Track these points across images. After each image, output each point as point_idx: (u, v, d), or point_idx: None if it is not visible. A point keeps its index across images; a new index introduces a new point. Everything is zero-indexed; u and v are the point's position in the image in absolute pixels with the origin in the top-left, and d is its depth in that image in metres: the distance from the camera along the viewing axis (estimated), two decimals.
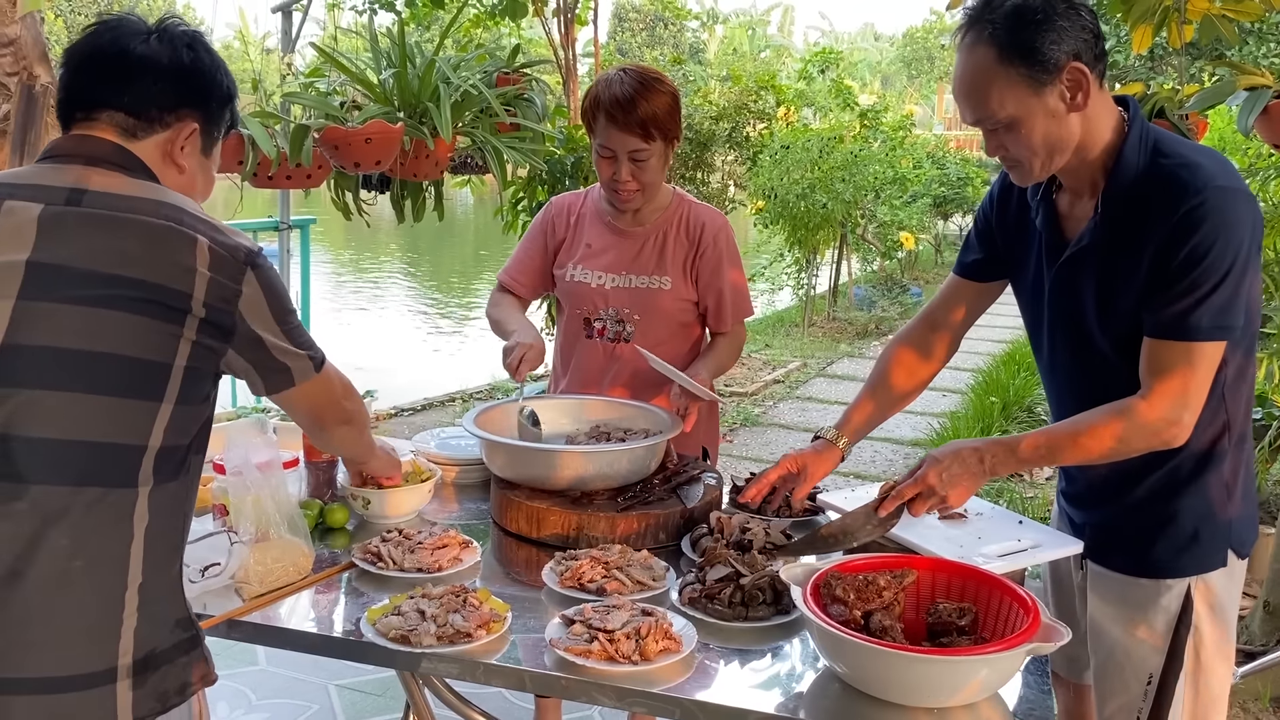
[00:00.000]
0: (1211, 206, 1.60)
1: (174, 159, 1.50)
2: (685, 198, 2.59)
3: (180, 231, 1.38)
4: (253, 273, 1.42)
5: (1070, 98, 1.64)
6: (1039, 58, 1.61)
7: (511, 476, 2.14)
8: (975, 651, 1.47)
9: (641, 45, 34.85)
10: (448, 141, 3.94)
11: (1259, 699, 3.26)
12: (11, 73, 3.80)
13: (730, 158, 9.83)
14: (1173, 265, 1.63)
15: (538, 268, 2.63)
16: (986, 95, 1.65)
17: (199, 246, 1.38)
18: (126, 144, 1.46)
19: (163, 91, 1.47)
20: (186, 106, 1.50)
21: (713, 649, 1.67)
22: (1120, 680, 1.83)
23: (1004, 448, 1.77)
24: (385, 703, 3.14)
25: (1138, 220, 1.68)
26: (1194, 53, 8.81)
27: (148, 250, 1.36)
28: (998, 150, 1.73)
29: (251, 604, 1.76)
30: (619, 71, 2.41)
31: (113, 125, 1.46)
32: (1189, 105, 3.33)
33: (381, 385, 6.74)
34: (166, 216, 1.39)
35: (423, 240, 18.64)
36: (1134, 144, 1.69)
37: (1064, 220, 1.83)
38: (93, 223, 1.36)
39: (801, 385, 8.18)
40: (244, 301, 1.42)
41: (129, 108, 1.46)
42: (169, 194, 1.44)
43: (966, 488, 1.78)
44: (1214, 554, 1.78)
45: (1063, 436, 1.75)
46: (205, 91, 1.53)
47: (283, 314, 1.48)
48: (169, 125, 1.49)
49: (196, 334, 1.37)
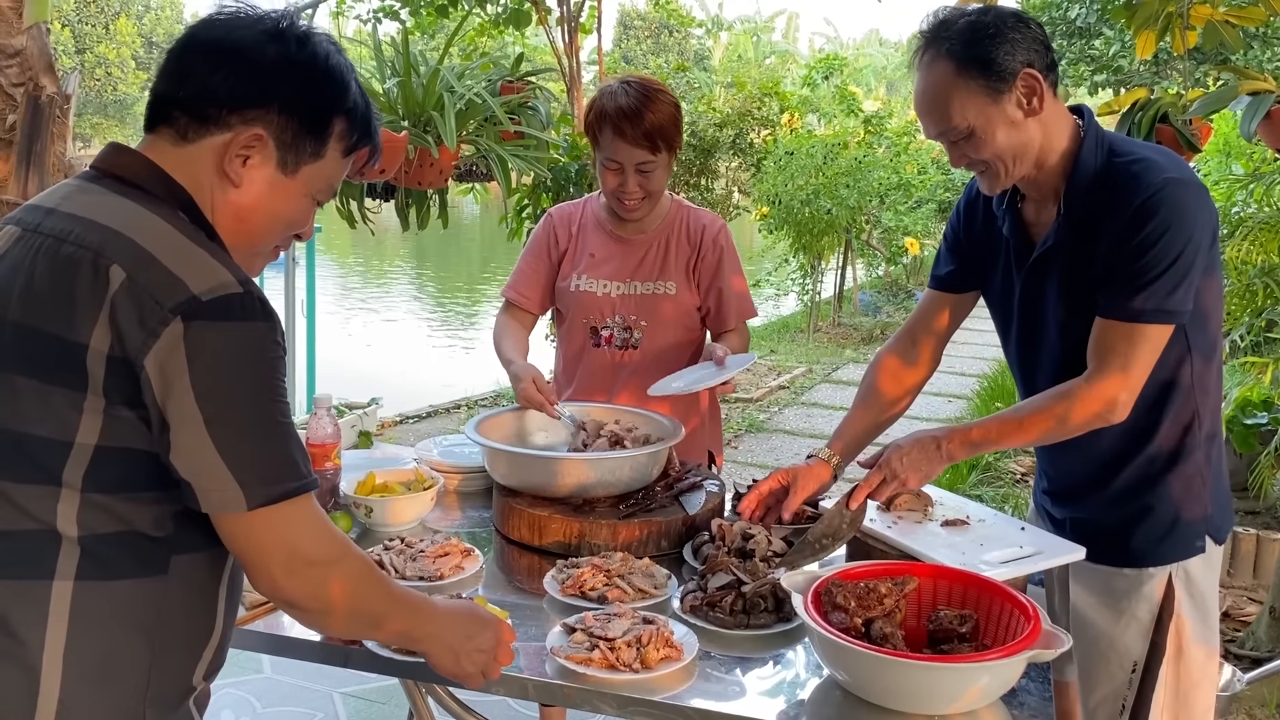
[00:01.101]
0: (1164, 196, 1.68)
1: (227, 170, 1.21)
2: (683, 204, 2.62)
3: (95, 263, 1.09)
4: (184, 325, 1.07)
5: (1027, 103, 1.72)
6: (995, 68, 1.70)
7: (513, 484, 2.15)
8: (975, 659, 1.47)
9: (646, 53, 34.91)
10: (452, 150, 3.95)
11: (1265, 705, 3.25)
12: (17, 83, 3.82)
13: (734, 164, 9.85)
14: (1124, 252, 1.71)
15: (543, 280, 2.63)
16: (948, 107, 1.74)
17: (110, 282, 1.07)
18: (172, 148, 1.21)
19: (223, 85, 1.20)
20: (257, 106, 1.21)
21: (714, 657, 1.67)
22: (1105, 670, 1.89)
23: (959, 433, 1.88)
24: (390, 710, 3.15)
25: (1096, 217, 1.76)
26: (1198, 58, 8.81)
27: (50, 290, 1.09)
28: (961, 160, 1.80)
29: (254, 612, 1.76)
30: (621, 84, 2.42)
31: (171, 127, 1.22)
32: (1192, 110, 3.33)
33: (387, 392, 6.78)
34: (89, 244, 1.11)
35: (429, 248, 18.68)
36: (1090, 147, 1.78)
37: (1030, 227, 1.90)
38: (26, 253, 1.14)
39: (807, 391, 8.18)
40: (151, 358, 1.07)
41: (184, 103, 1.20)
42: (142, 217, 1.15)
43: (925, 472, 1.88)
44: (1192, 541, 1.87)
45: (1009, 420, 1.85)
46: (287, 91, 1.22)
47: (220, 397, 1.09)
48: (229, 127, 1.21)
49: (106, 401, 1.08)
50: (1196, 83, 9.57)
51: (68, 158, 3.97)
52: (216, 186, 1.22)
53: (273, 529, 1.15)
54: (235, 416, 1.10)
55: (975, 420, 1.89)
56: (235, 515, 1.12)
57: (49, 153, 3.85)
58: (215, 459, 1.09)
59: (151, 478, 1.12)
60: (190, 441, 1.08)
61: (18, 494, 1.11)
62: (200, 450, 1.09)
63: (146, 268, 1.09)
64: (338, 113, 1.27)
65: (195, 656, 1.22)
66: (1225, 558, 4.20)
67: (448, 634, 1.40)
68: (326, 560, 1.21)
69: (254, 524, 1.13)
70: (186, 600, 1.19)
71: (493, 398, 7.46)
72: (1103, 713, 1.92)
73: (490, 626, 1.45)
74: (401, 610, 1.35)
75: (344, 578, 1.23)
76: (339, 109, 1.27)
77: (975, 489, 5.61)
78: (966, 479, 5.71)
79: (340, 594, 1.22)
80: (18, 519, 1.11)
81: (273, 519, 1.14)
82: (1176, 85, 10.23)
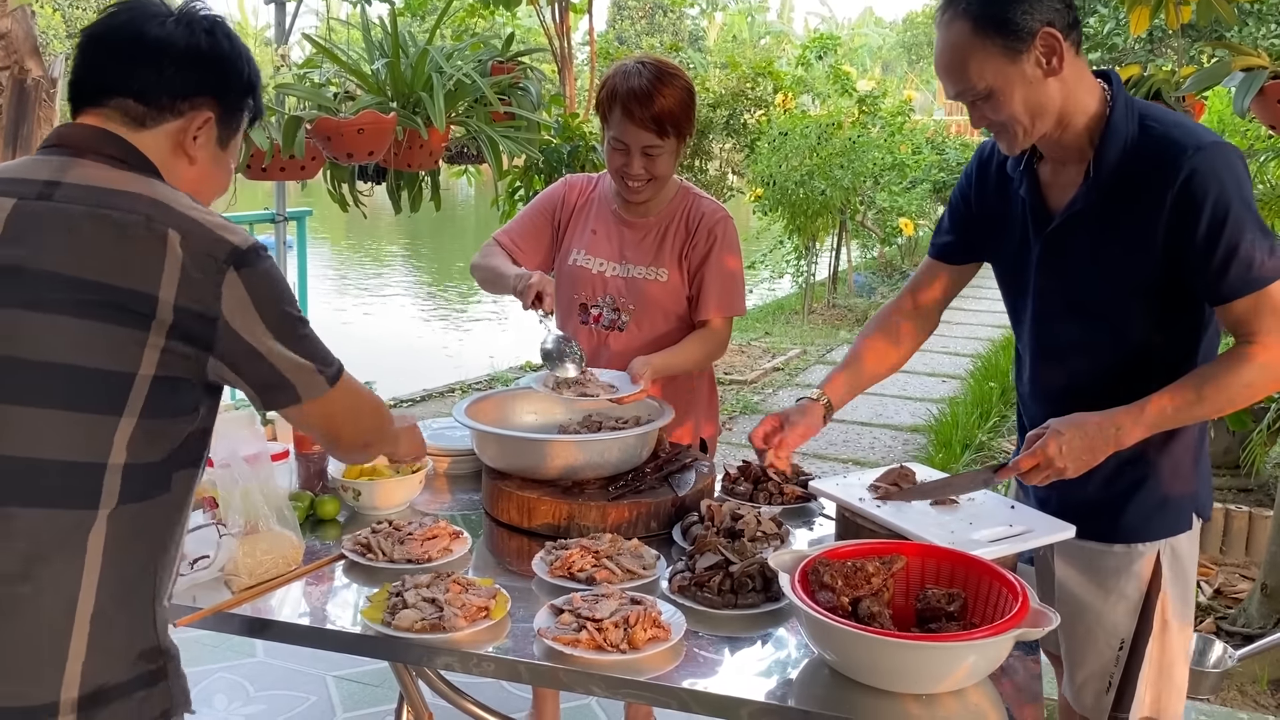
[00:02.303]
0: (1210, 163, 1.67)
1: (185, 150, 1.40)
2: (691, 191, 2.57)
3: (150, 227, 1.26)
4: (237, 274, 1.29)
5: (1046, 63, 1.70)
6: (1012, 27, 1.68)
7: (502, 466, 2.14)
8: (963, 637, 1.46)
9: (640, 33, 34.73)
10: (441, 131, 3.93)
11: (1256, 682, 3.26)
12: (2, 67, 3.79)
13: (728, 145, 9.82)
14: (1199, 233, 1.68)
15: (540, 238, 2.60)
16: (965, 67, 1.73)
17: (170, 243, 1.26)
18: (130, 133, 1.37)
19: (175, 77, 1.37)
20: (202, 94, 1.40)
21: (702, 637, 1.66)
22: (1093, 647, 1.90)
23: (1129, 415, 1.74)
24: (383, 693, 3.15)
25: (1137, 186, 1.74)
26: (1192, 34, 8.78)
27: (110, 249, 1.25)
28: (981, 121, 1.79)
29: (240, 596, 1.76)
30: (636, 64, 2.40)
31: (120, 113, 1.37)
32: (1185, 87, 3.32)
33: (380, 376, 6.76)
34: (138, 210, 1.27)
35: (422, 231, 18.63)
36: (1121, 113, 1.76)
37: (1048, 189, 1.88)
38: (57, 219, 1.26)
39: (801, 372, 8.17)
40: (225, 305, 1.28)
41: (138, 94, 1.36)
42: (156, 187, 1.33)
43: (1087, 460, 1.74)
44: (1181, 518, 1.87)
45: (1188, 392, 1.73)
46: (223, 79, 1.42)
47: (280, 320, 1.34)
48: (181, 114, 1.39)
49: (166, 340, 1.25)
50: (1190, 59, 9.55)
51: None
52: (175, 164, 1.40)
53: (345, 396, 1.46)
54: (293, 330, 1.36)
55: (1144, 400, 1.74)
56: (320, 397, 1.41)
57: (35, 136, 3.82)
58: (300, 361, 1.37)
59: (185, 403, 1.31)
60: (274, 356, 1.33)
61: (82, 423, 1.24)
62: (285, 359, 1.35)
63: (193, 228, 1.28)
64: (251, 89, 1.48)
65: (176, 556, 1.39)
66: (1217, 535, 4.22)
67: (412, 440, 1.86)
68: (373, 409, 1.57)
69: (335, 397, 1.43)
70: (176, 511, 1.36)
71: (487, 381, 7.45)
72: (1089, 690, 1.92)
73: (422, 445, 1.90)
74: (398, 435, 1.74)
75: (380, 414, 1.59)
76: (252, 86, 1.48)
77: (969, 468, 5.62)
78: (960, 458, 5.72)
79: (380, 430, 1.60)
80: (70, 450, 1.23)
81: (344, 389, 1.45)
82: (1170, 62, 10.19)
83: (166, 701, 1.32)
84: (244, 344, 1.31)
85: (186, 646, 1.44)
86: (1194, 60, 9.36)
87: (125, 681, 1.28)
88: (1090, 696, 1.92)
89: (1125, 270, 1.78)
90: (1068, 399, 1.84)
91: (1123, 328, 1.82)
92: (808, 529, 2.14)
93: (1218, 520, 4.21)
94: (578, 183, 2.64)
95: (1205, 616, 3.63)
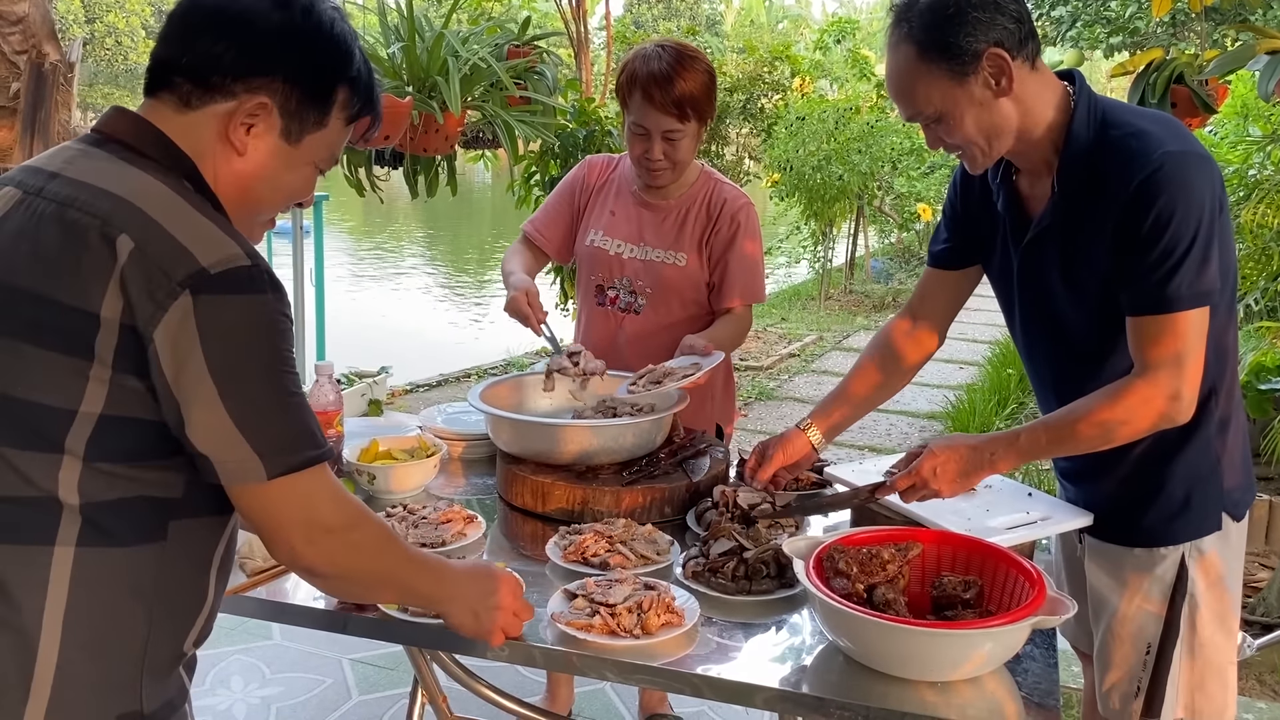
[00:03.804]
0: (1165, 174, 1.59)
1: (231, 138, 1.20)
2: (713, 176, 2.56)
3: (103, 231, 1.08)
4: (192, 299, 1.07)
5: (995, 84, 1.65)
6: (955, 51, 1.63)
7: (517, 451, 2.14)
8: (978, 625, 1.46)
9: (658, 18, 34.61)
10: (457, 116, 3.92)
11: (1276, 671, 3.24)
12: (20, 50, 3.81)
13: (745, 130, 9.77)
14: (1138, 240, 1.62)
15: (564, 223, 2.61)
16: (913, 92, 1.69)
17: (118, 250, 1.07)
18: (175, 115, 1.20)
19: (235, 52, 1.19)
20: (265, 75, 1.20)
21: (716, 623, 1.66)
22: (1120, 651, 1.84)
23: (1003, 443, 1.73)
24: (399, 676, 3.16)
25: (1093, 194, 1.68)
26: (1215, 18, 8.68)
27: (57, 257, 1.08)
28: (938, 143, 1.74)
29: (254, 579, 1.76)
30: (656, 47, 2.38)
31: (173, 93, 1.20)
32: (1208, 71, 3.27)
33: (397, 361, 6.79)
34: (97, 211, 1.10)
35: (440, 216, 18.65)
36: (1081, 118, 1.69)
37: (1026, 201, 1.83)
38: (26, 219, 1.13)
39: (817, 359, 8.15)
40: (161, 331, 1.06)
41: (191, 69, 1.19)
42: (147, 184, 1.14)
43: (960, 484, 1.75)
44: (1207, 519, 1.79)
45: (1062, 426, 1.72)
46: (299, 60, 1.22)
47: (233, 371, 1.09)
48: (234, 95, 1.19)
49: (113, 371, 1.08)
50: (1214, 43, 9.43)
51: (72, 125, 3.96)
52: (220, 154, 1.22)
53: (292, 498, 1.16)
54: (250, 389, 1.11)
55: (1021, 427, 1.75)
56: (254, 486, 1.13)
57: (53, 120, 3.84)
58: (233, 431, 1.10)
59: (154, 447, 1.12)
60: (206, 415, 1.09)
61: (19, 460, 1.10)
62: (217, 424, 1.09)
63: (155, 238, 1.09)
64: (341, 81, 1.26)
65: (189, 623, 1.22)
66: None
67: (466, 594, 1.43)
68: (344, 527, 1.22)
69: (272, 494, 1.14)
70: (183, 567, 1.19)
71: (503, 366, 7.46)
72: (1117, 693, 1.85)
73: (506, 583, 1.48)
74: (420, 573, 1.38)
75: (362, 543, 1.25)
76: (343, 77, 1.26)
77: None
78: None
79: (359, 560, 1.25)
80: (19, 485, 1.10)
81: (291, 488, 1.15)
82: (1193, 46, 10.08)
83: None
84: (168, 384, 1.08)
85: None
86: (1217, 44, 9.25)
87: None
88: (1118, 700, 1.85)
89: (1088, 281, 1.72)
90: (1056, 403, 1.80)
91: (1097, 336, 1.76)
92: (822, 515, 2.13)
93: (1244, 519, 4.17)
94: (598, 163, 2.63)
95: None
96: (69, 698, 1.11)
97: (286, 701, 3.04)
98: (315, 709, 3.01)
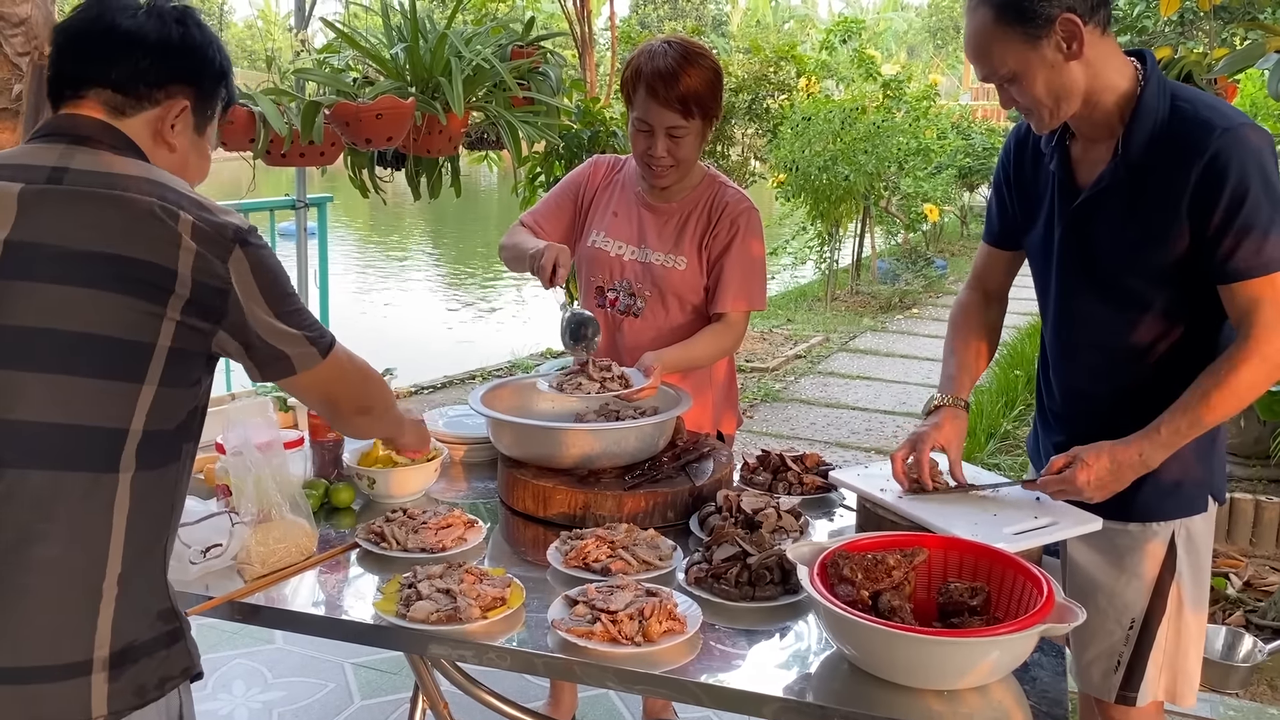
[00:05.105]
0: (1237, 144, 1.68)
1: (164, 137, 1.47)
2: (717, 179, 2.52)
3: (164, 207, 1.33)
4: (241, 251, 1.37)
5: (1066, 47, 1.73)
6: (1030, 15, 1.72)
7: (518, 455, 2.12)
8: (985, 633, 1.43)
9: (663, 18, 34.57)
10: (460, 116, 3.90)
11: None
12: (23, 52, 3.78)
13: (750, 130, 9.74)
14: (1218, 211, 1.70)
15: (564, 218, 2.58)
16: (989, 53, 1.78)
17: (182, 222, 1.33)
18: (114, 122, 1.43)
19: (150, 68, 1.44)
20: (176, 83, 1.46)
21: (719, 630, 1.64)
22: (1102, 626, 1.91)
23: (1147, 440, 1.77)
24: (401, 680, 3.14)
25: (1166, 164, 1.75)
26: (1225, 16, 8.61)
27: (128, 227, 1.32)
28: (1010, 103, 1.83)
29: (253, 585, 1.75)
30: (662, 43, 2.35)
31: (100, 103, 1.43)
32: (1217, 69, 3.25)
33: (402, 363, 6.74)
34: (149, 193, 1.34)
35: (445, 218, 18.65)
36: (1154, 91, 1.78)
37: (1078, 165, 1.91)
38: (73, 200, 1.32)
39: (823, 360, 8.12)
40: (235, 280, 1.37)
41: (116, 84, 1.43)
42: (156, 172, 1.40)
43: (1113, 489, 1.80)
44: (1197, 499, 1.89)
45: (1195, 404, 1.75)
46: (196, 68, 1.49)
47: (278, 296, 1.43)
48: (158, 102, 1.45)
49: (181, 314, 1.33)
50: (1222, 41, 9.39)
51: None
52: (157, 152, 1.46)
53: (338, 365, 1.55)
54: (289, 305, 1.44)
55: (1156, 421, 1.77)
56: (314, 368, 1.49)
57: None
58: (293, 333, 1.45)
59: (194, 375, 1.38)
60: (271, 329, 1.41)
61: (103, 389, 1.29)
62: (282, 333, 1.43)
63: (200, 210, 1.36)
64: (223, 77, 1.54)
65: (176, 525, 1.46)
66: (1247, 527, 4.15)
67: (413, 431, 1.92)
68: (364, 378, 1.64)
69: (325, 367, 1.51)
70: (183, 481, 1.42)
71: (508, 368, 7.44)
72: (1097, 669, 1.93)
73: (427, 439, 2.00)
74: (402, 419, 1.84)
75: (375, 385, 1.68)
76: (223, 74, 1.54)
77: (993, 458, 5.56)
78: (984, 447, 5.66)
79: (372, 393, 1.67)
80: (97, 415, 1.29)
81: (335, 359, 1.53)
82: (1201, 44, 10.03)
83: (186, 660, 1.39)
84: (248, 318, 1.39)
85: (205, 633, 1.44)
86: (1226, 42, 9.20)
87: (149, 640, 1.34)
88: (1098, 675, 1.94)
89: (1148, 248, 1.79)
90: (1086, 379, 1.91)
91: (1143, 306, 1.83)
92: (828, 520, 2.11)
93: (1248, 511, 4.14)
94: (604, 163, 2.60)
95: (1235, 609, 3.57)
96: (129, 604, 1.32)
97: (288, 706, 3.02)
98: (317, 713, 2.99)
